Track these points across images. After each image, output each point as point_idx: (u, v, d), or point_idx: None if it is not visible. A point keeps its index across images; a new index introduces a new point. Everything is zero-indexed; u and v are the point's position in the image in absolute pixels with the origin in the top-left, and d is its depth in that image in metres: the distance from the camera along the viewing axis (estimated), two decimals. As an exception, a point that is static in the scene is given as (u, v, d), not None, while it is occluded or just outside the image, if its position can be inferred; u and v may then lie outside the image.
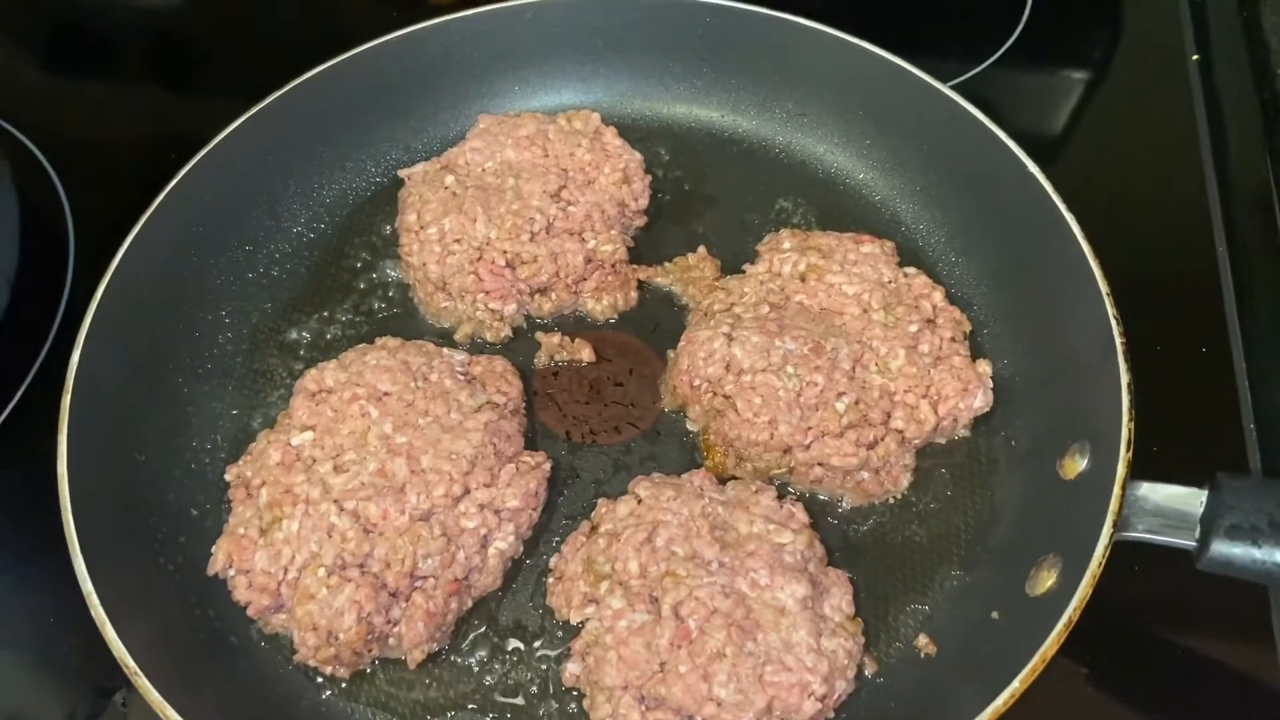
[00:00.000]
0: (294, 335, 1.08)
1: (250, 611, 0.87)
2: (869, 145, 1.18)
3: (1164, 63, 1.41)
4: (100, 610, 0.79)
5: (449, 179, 1.11)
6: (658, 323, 1.08)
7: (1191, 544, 0.79)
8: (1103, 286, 0.92)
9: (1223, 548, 0.77)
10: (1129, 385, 0.86)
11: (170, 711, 0.74)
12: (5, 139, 1.28)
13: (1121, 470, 0.82)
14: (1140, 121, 1.34)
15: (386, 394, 0.94)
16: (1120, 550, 0.80)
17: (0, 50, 1.47)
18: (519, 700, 0.86)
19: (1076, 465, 0.88)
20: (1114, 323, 0.89)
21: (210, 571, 0.88)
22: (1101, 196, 1.17)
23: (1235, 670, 0.92)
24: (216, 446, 1.00)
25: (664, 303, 1.09)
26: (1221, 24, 1.42)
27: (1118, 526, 0.80)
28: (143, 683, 0.76)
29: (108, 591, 0.80)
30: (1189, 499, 0.80)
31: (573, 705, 0.85)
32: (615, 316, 1.08)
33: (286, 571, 0.86)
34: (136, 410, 0.97)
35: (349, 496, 0.88)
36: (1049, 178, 1.00)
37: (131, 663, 0.77)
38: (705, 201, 1.17)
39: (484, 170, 1.12)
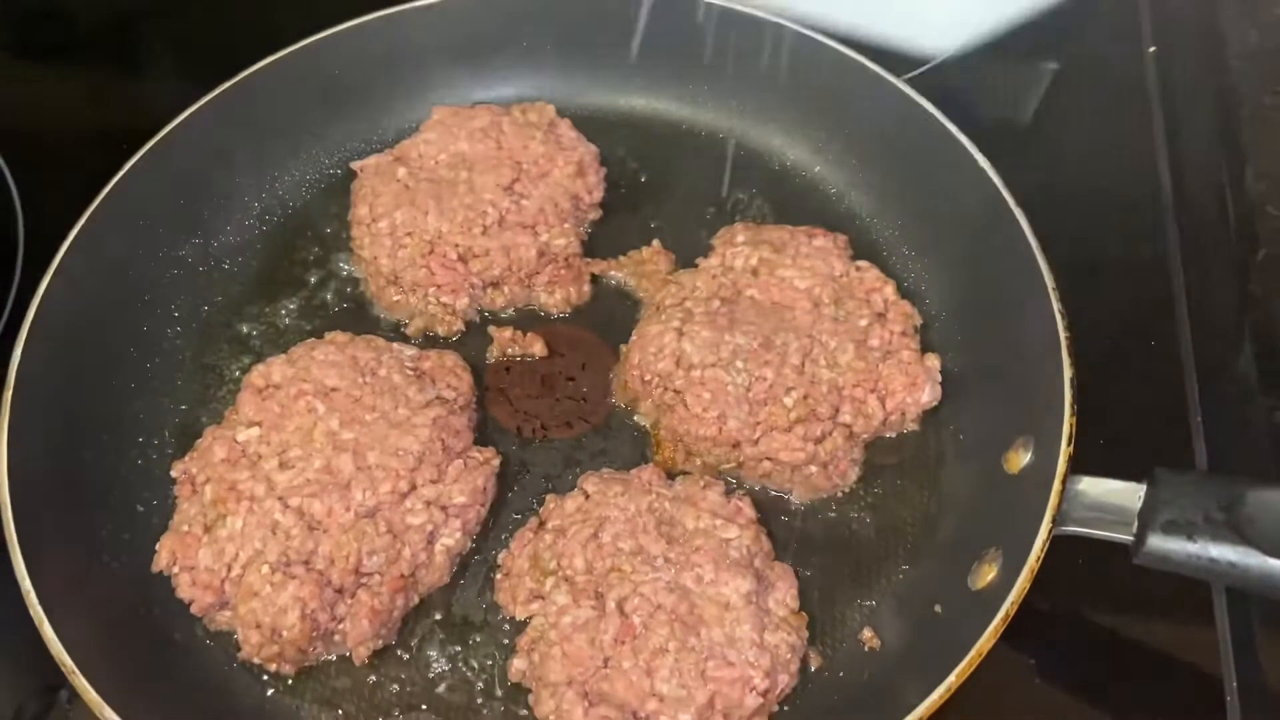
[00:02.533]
0: (244, 329, 1.07)
1: (194, 609, 0.86)
2: (824, 138, 1.17)
3: (1121, 52, 1.41)
4: (38, 608, 0.79)
5: (401, 171, 1.10)
6: (611, 317, 1.07)
7: (1129, 538, 0.80)
8: (1049, 281, 0.92)
9: (1159, 542, 0.78)
10: (1071, 380, 0.86)
11: (108, 712, 0.74)
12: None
13: (1062, 465, 0.82)
14: (1097, 111, 1.34)
15: (334, 389, 0.94)
16: (1066, 542, 0.81)
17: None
18: (466, 696, 0.86)
19: (1020, 459, 0.89)
20: (1059, 317, 0.90)
21: (154, 569, 0.88)
22: (1058, 188, 1.18)
23: (1179, 660, 0.93)
24: (164, 442, 0.99)
25: (617, 297, 1.09)
26: (1179, 14, 1.42)
27: (1056, 521, 0.80)
28: (80, 682, 0.75)
29: (47, 589, 0.80)
30: (1127, 494, 0.81)
31: (519, 701, 0.85)
32: (568, 310, 1.08)
33: (230, 569, 0.86)
34: (82, 407, 0.96)
35: (294, 493, 0.87)
36: (1006, 168, 1.01)
37: (69, 661, 0.76)
38: (661, 194, 1.17)
39: (437, 163, 1.11)
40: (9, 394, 0.89)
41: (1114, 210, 1.22)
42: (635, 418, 1.01)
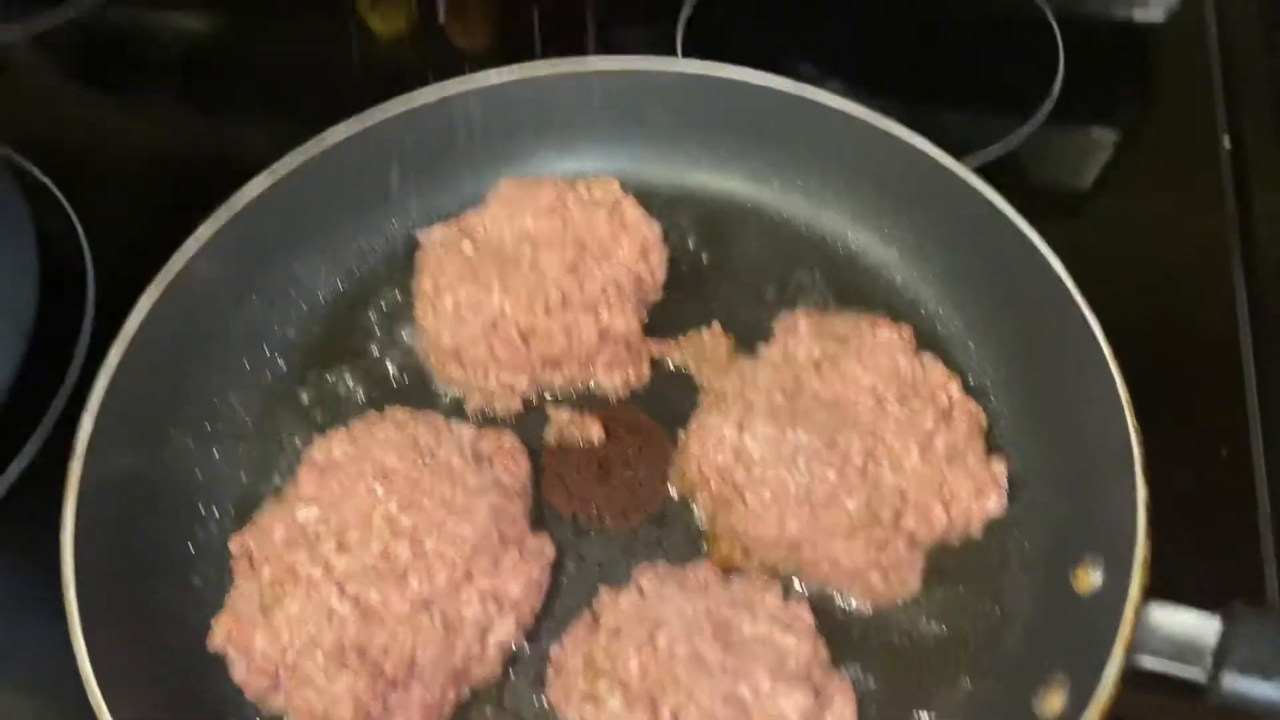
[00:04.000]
0: (305, 398, 1.08)
1: (248, 694, 0.86)
2: (889, 224, 1.16)
3: (1195, 135, 1.39)
4: (98, 694, 0.79)
5: (466, 245, 1.10)
6: (669, 401, 1.07)
7: (1203, 677, 0.77)
8: (1123, 394, 0.90)
9: (1235, 683, 0.75)
10: (1146, 503, 0.84)
11: (161, 805, 0.74)
12: (29, 183, 1.28)
13: (1135, 593, 0.80)
14: (1169, 199, 1.32)
15: (393, 471, 0.94)
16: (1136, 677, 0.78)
17: (24, 86, 1.48)
18: (514, 794, 0.85)
19: (1090, 579, 0.87)
20: (1134, 434, 0.88)
21: (210, 648, 0.88)
22: (1127, 277, 1.16)
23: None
24: (223, 513, 1.00)
25: (676, 380, 1.08)
26: (1254, 100, 1.40)
27: (1129, 652, 0.78)
28: (136, 771, 0.76)
29: (105, 672, 0.80)
30: (1202, 627, 0.78)
31: (568, 803, 0.84)
32: (626, 393, 1.08)
33: (285, 654, 0.86)
34: (146, 476, 0.96)
35: (351, 579, 0.87)
36: (1076, 257, 0.99)
37: (127, 752, 0.77)
38: (722, 274, 1.16)
39: (502, 238, 1.12)
40: (77, 464, 0.90)
41: (1185, 304, 1.19)
42: (693, 508, 1.00)
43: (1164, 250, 1.26)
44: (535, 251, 1.09)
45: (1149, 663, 0.78)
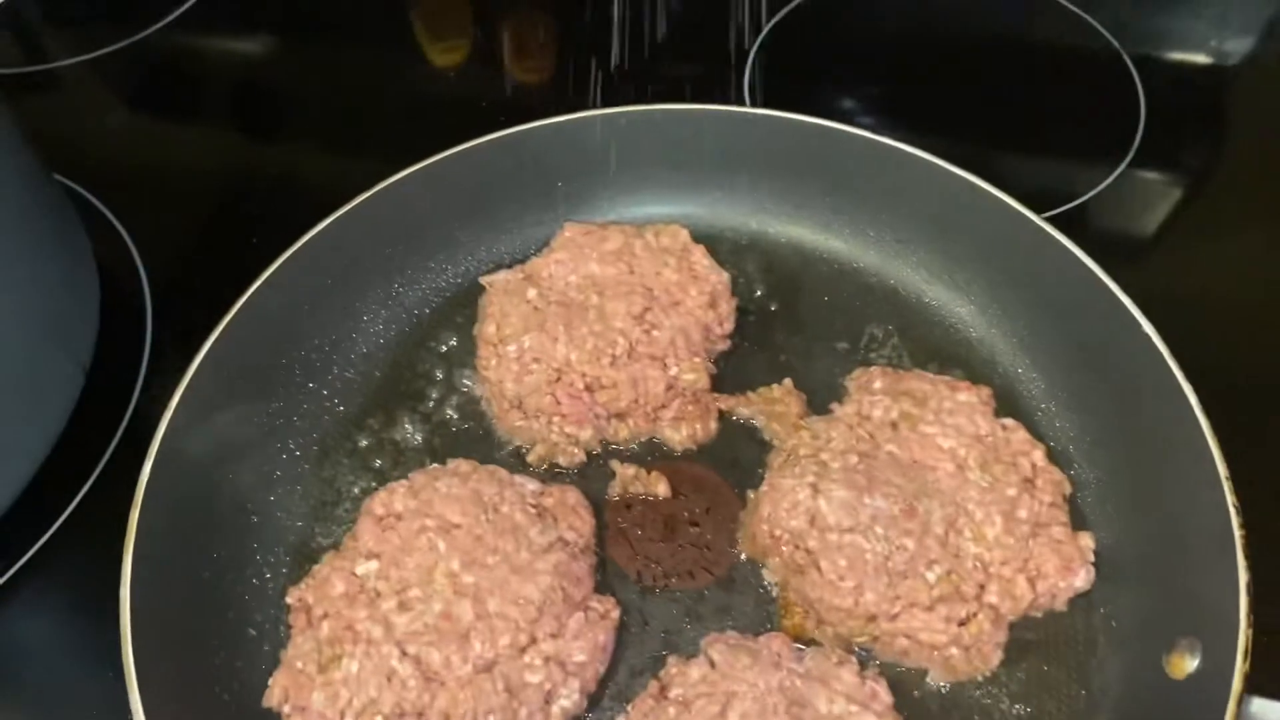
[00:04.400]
0: (364, 443, 1.06)
1: (304, 755, 0.84)
2: (968, 278, 1.13)
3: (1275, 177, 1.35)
4: (153, 754, 0.77)
5: (531, 292, 1.08)
6: (737, 457, 1.04)
7: (1316, 781, 0.72)
8: (1221, 469, 0.86)
9: (1352, 789, 0.71)
10: (1248, 586, 0.80)
11: None
12: (91, 213, 1.28)
13: (1237, 685, 0.76)
14: (1250, 241, 1.27)
15: (456, 526, 0.91)
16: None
17: (79, 111, 1.48)
18: None
19: (1185, 665, 0.82)
20: (1234, 513, 0.83)
21: (265, 704, 0.86)
22: (1209, 327, 1.11)
23: None
24: (279, 561, 0.98)
25: (745, 435, 1.05)
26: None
27: (1233, 749, 0.74)
28: (192, 842, 0.73)
29: (162, 730, 0.78)
30: (1314, 725, 0.74)
31: None
32: (694, 447, 1.04)
33: (343, 716, 0.83)
34: (203, 523, 0.94)
35: (412, 640, 0.85)
36: (1151, 298, 0.96)
37: (182, 818, 0.74)
38: (793, 325, 1.13)
39: (567, 284, 1.09)
40: (136, 513, 0.88)
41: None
42: (762, 572, 0.96)
43: (1249, 297, 1.21)
44: (602, 300, 1.06)
45: (1254, 761, 0.74)
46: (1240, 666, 0.76)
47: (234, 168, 1.42)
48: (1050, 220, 1.05)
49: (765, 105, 1.19)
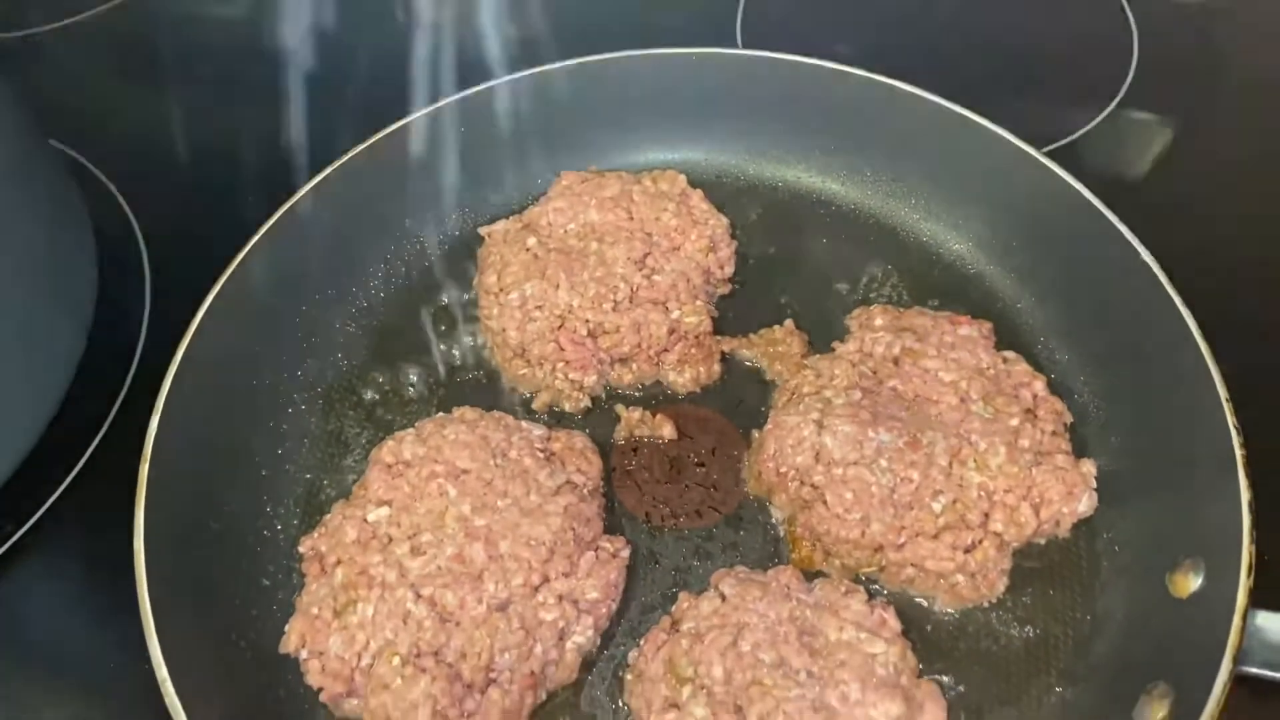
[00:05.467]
0: (369, 395, 1.06)
1: (323, 697, 0.85)
2: (966, 215, 1.13)
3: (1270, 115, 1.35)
4: (175, 699, 0.77)
5: (530, 240, 1.08)
6: (741, 398, 1.04)
7: (1319, 687, 0.74)
8: (1222, 391, 0.87)
9: (1354, 693, 0.72)
10: (1250, 504, 0.81)
11: (243, 813, 0.73)
12: (86, 178, 1.28)
13: (1242, 598, 0.77)
14: (1258, 195, 1.28)
15: (465, 472, 0.92)
16: (1235, 684, 0.75)
17: (77, 83, 1.47)
18: (594, 802, 0.83)
19: (1189, 583, 0.83)
20: (1234, 433, 0.84)
21: (283, 650, 0.87)
22: (1211, 271, 1.12)
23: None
24: (289, 512, 0.99)
25: (748, 377, 1.06)
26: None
27: (1237, 660, 0.75)
28: (216, 780, 0.74)
29: (181, 676, 0.79)
30: (1314, 635, 0.76)
31: (650, 812, 0.82)
32: (698, 390, 1.05)
33: (360, 658, 0.84)
34: (212, 475, 0.95)
35: (426, 582, 0.85)
36: (1149, 247, 0.96)
37: (206, 757, 0.75)
38: (793, 268, 1.13)
39: (566, 232, 1.09)
40: (145, 467, 0.88)
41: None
42: (769, 509, 0.97)
43: (1255, 245, 1.21)
44: (601, 246, 1.07)
45: (1259, 670, 0.75)
46: (1244, 582, 0.78)
47: (223, 129, 1.41)
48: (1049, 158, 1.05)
49: (757, 48, 1.18)
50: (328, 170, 1.08)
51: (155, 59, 1.51)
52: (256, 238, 1.03)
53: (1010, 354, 1.00)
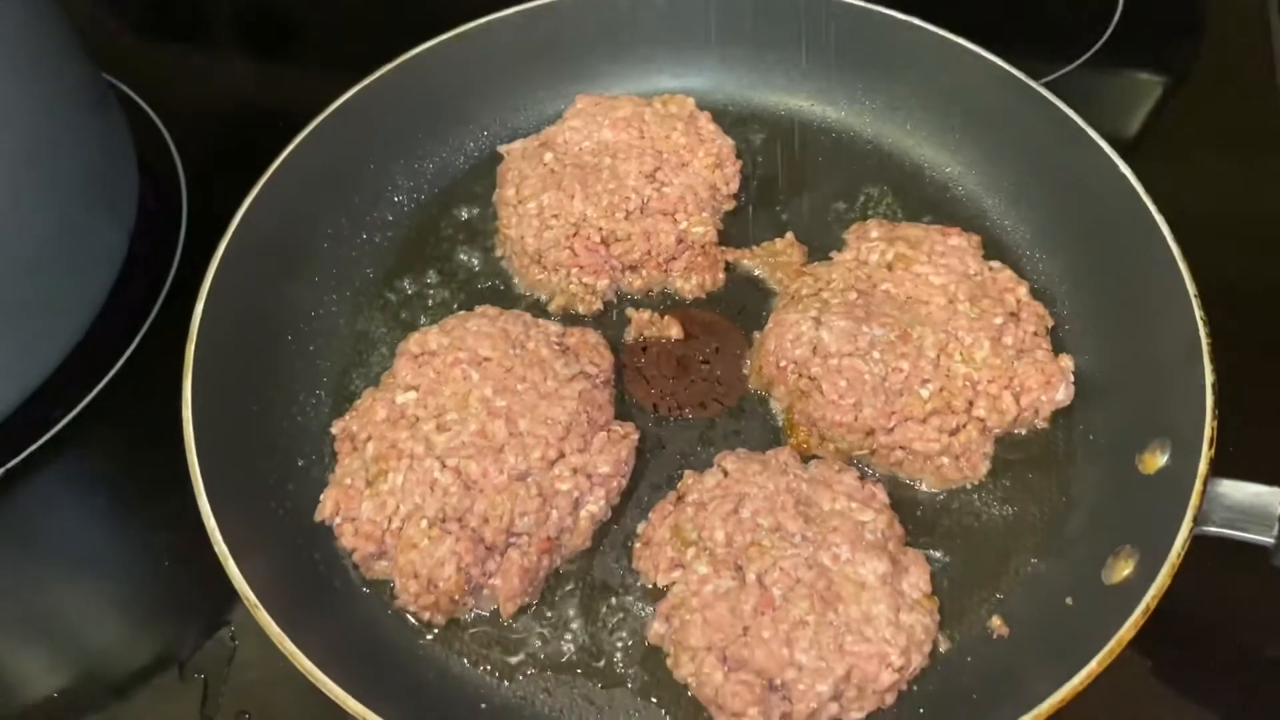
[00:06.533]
0: (394, 299, 1.13)
1: (355, 557, 0.92)
2: (958, 139, 1.20)
3: (1250, 72, 1.41)
4: (223, 546, 0.84)
5: (548, 156, 1.15)
6: (744, 304, 1.11)
7: (1270, 540, 0.81)
8: (1190, 288, 0.93)
9: (1302, 544, 0.79)
10: (1213, 385, 0.88)
11: (289, 644, 0.80)
12: (123, 101, 1.34)
13: (1203, 467, 0.84)
14: (1224, 129, 1.35)
15: (487, 359, 0.99)
16: (1194, 547, 0.82)
17: (109, 16, 1.54)
18: (604, 655, 0.90)
19: (1157, 461, 0.90)
20: (1200, 323, 0.91)
21: (318, 518, 0.94)
22: (1184, 199, 1.18)
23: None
24: (320, 402, 1.05)
25: (750, 285, 1.13)
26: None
27: (1197, 520, 0.82)
28: (263, 616, 0.81)
29: (228, 530, 0.86)
30: (1268, 497, 0.83)
31: (655, 663, 0.89)
32: (703, 296, 1.12)
33: (391, 521, 0.91)
34: (250, 363, 1.02)
35: (451, 454, 0.92)
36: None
37: (252, 596, 0.82)
38: (794, 188, 1.20)
39: (581, 149, 1.16)
40: (191, 347, 0.95)
41: (1246, 226, 1.22)
42: (769, 401, 1.04)
43: (1219, 175, 1.29)
44: (614, 161, 1.13)
45: (1218, 529, 0.82)
46: (1206, 453, 0.84)
47: (254, 67, 1.48)
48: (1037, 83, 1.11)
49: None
50: (352, 91, 1.14)
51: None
52: (285, 155, 1.09)
53: (996, 263, 1.06)
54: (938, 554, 0.94)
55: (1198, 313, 0.92)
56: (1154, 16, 1.46)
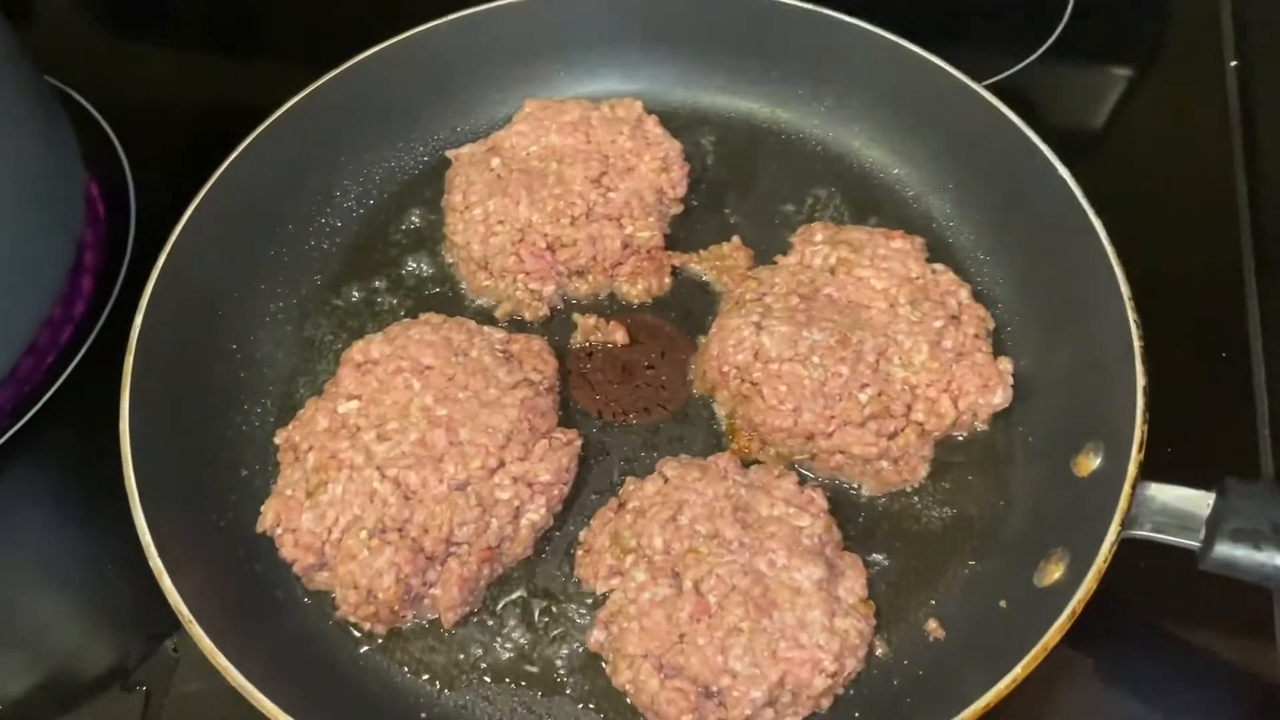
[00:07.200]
0: (342, 306, 1.13)
1: (296, 568, 0.92)
2: (904, 141, 1.20)
3: (1202, 65, 1.42)
4: (158, 561, 0.84)
5: (495, 161, 1.15)
6: (689, 308, 1.11)
7: (1196, 544, 0.82)
8: (1125, 290, 0.94)
9: (1226, 550, 0.80)
10: (1144, 388, 0.89)
11: (221, 659, 0.80)
12: (71, 106, 1.33)
13: (1132, 470, 0.85)
14: (1175, 123, 1.36)
15: (429, 367, 0.99)
16: (1130, 547, 0.83)
17: (61, 15, 1.52)
18: (545, 662, 0.90)
19: (1090, 463, 0.91)
20: (1134, 326, 0.92)
21: (259, 529, 0.94)
22: (1133, 196, 1.20)
23: (1237, 666, 0.95)
24: (266, 410, 1.05)
25: (696, 289, 1.13)
26: (1262, 29, 1.43)
27: (1125, 524, 0.83)
28: (196, 631, 0.81)
29: (164, 544, 0.86)
30: (1196, 501, 0.83)
31: (596, 670, 0.89)
32: (649, 300, 1.12)
33: (330, 532, 0.91)
34: (193, 373, 1.02)
35: (391, 464, 0.93)
36: (1082, 175, 1.03)
37: (186, 611, 0.82)
38: (742, 191, 1.20)
39: (528, 154, 1.16)
40: (130, 358, 0.95)
41: (1189, 221, 1.24)
42: (713, 406, 1.04)
43: (1170, 170, 1.30)
44: (560, 166, 1.13)
45: (1146, 533, 0.83)
46: (1135, 456, 0.85)
47: (206, 68, 1.47)
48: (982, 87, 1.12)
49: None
50: (300, 95, 1.14)
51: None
52: (232, 158, 1.09)
53: (939, 266, 1.07)
54: (877, 557, 0.94)
55: (1131, 315, 0.93)
56: (1109, 5, 1.47)
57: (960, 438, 1.01)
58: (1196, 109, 1.36)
